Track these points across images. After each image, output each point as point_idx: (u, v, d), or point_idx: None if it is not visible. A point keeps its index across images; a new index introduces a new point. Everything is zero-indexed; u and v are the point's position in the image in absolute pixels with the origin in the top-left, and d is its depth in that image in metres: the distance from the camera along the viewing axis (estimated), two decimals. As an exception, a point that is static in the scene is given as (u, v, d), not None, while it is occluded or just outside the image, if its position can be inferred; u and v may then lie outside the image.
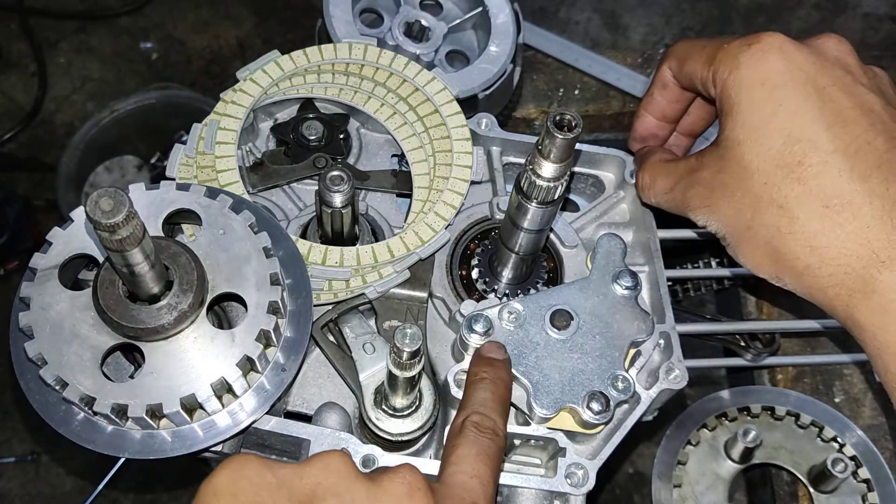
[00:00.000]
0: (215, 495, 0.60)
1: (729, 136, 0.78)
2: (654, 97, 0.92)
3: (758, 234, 0.77)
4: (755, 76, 0.77)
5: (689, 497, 1.09)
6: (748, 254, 0.79)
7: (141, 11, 2.34)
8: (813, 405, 1.12)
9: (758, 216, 0.76)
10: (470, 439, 0.70)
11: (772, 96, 0.76)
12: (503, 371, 0.77)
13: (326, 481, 0.63)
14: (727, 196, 0.79)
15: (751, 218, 0.77)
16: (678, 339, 0.87)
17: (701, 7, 1.69)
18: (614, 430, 0.82)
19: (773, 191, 0.75)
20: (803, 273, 0.75)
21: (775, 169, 0.75)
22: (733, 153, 0.78)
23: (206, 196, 0.79)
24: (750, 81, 0.77)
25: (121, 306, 0.70)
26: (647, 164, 0.91)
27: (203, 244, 0.77)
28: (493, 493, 0.68)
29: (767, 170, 0.75)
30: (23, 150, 2.19)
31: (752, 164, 0.76)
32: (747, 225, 0.78)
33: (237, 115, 0.93)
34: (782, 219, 0.75)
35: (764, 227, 0.76)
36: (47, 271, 0.74)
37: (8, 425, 1.93)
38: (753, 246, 0.78)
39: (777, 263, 0.77)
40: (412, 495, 0.63)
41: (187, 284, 0.71)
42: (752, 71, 0.77)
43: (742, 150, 0.77)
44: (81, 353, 0.71)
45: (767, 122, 0.76)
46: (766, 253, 0.77)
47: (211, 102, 1.12)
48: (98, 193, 0.57)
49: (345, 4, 1.07)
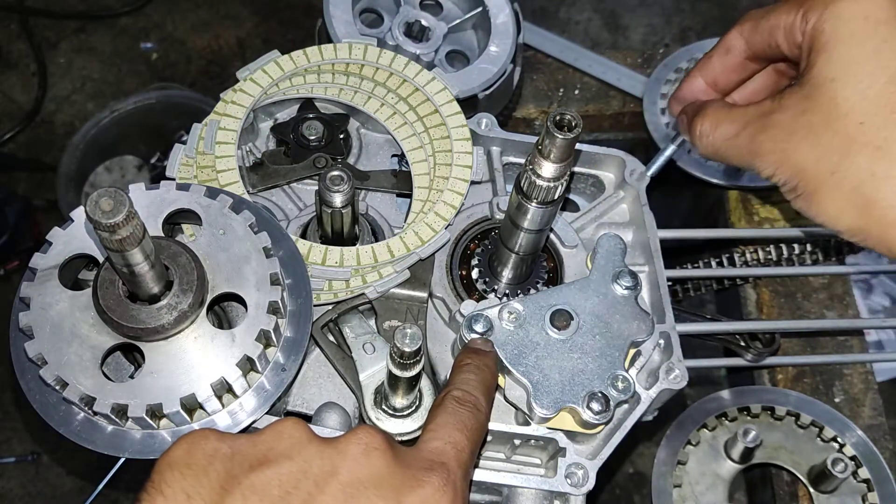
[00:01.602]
0: (169, 466, 0.60)
1: (820, 73, 0.73)
2: (711, 60, 0.87)
3: (845, 179, 0.72)
4: (857, 9, 0.73)
5: (689, 497, 1.09)
6: (829, 202, 0.74)
7: (141, 11, 2.34)
8: (813, 405, 1.12)
9: (848, 159, 0.72)
10: (448, 410, 0.69)
11: (876, 31, 0.72)
12: (489, 360, 0.76)
13: (279, 446, 0.62)
14: (811, 138, 0.74)
15: (838, 161, 0.72)
16: (678, 339, 0.87)
17: (701, 7, 1.69)
18: (614, 430, 0.82)
19: (871, 131, 0.71)
20: (894, 224, 0.71)
21: (876, 108, 0.71)
22: (824, 90, 0.73)
23: (206, 196, 0.79)
24: (850, 14, 0.73)
25: (121, 306, 0.70)
26: (707, 109, 0.85)
27: (203, 244, 0.77)
28: (467, 462, 0.66)
29: (866, 109, 0.71)
30: (23, 150, 2.19)
31: (848, 101, 0.72)
32: (832, 169, 0.73)
33: (237, 115, 0.93)
34: (879, 162, 0.70)
35: (855, 172, 0.71)
36: (47, 271, 0.74)
37: (8, 425, 1.93)
38: (837, 193, 0.73)
39: (865, 212, 0.72)
40: (368, 454, 0.62)
41: (187, 284, 0.71)
42: (853, 4, 0.73)
43: (836, 87, 0.72)
44: (81, 353, 0.71)
45: (869, 59, 0.71)
46: (852, 201, 0.72)
47: (211, 102, 1.12)
48: (98, 193, 0.57)
49: (345, 4, 1.07)
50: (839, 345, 1.20)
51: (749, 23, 0.83)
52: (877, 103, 0.71)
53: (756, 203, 1.31)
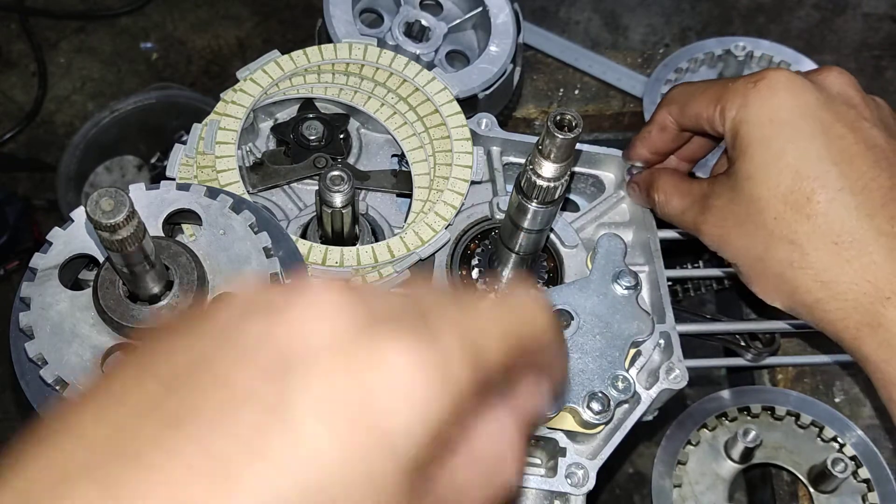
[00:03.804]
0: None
1: (740, 170, 0.79)
2: (651, 136, 0.92)
3: (770, 266, 0.79)
4: (764, 113, 0.78)
5: (689, 497, 1.09)
6: (761, 285, 0.81)
7: (141, 11, 2.33)
8: (813, 405, 1.12)
9: (770, 250, 0.78)
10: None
11: (781, 133, 0.77)
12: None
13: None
14: (739, 227, 0.80)
15: (763, 251, 0.79)
16: (678, 339, 0.87)
17: (701, 7, 1.69)
18: (614, 430, 0.82)
19: (783, 226, 0.77)
20: (814, 306, 0.77)
21: (785, 205, 0.76)
22: (744, 187, 0.79)
23: (206, 196, 0.79)
24: (759, 118, 0.78)
25: (121, 306, 0.70)
26: (658, 182, 0.91)
27: (203, 244, 0.77)
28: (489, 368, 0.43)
29: (777, 206, 0.77)
30: (23, 150, 2.18)
31: (763, 198, 0.77)
32: (759, 257, 0.79)
33: (237, 115, 0.93)
34: (794, 253, 0.76)
35: (776, 261, 0.78)
36: (47, 271, 0.74)
37: (8, 425, 1.93)
38: (765, 278, 0.80)
39: (789, 296, 0.79)
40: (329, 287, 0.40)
41: (187, 284, 0.72)
42: (760, 108, 0.78)
43: (752, 185, 0.78)
44: (82, 353, 0.71)
45: (777, 160, 0.77)
46: (778, 285, 0.79)
47: (211, 102, 1.12)
48: (98, 193, 0.57)
49: (345, 4, 1.07)
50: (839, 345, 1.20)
51: (675, 106, 0.88)
52: (786, 200, 0.76)
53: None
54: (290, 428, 0.34)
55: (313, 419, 0.34)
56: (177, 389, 0.36)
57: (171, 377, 0.37)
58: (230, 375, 0.36)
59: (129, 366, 0.39)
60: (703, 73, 1.39)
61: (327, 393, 0.35)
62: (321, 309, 0.38)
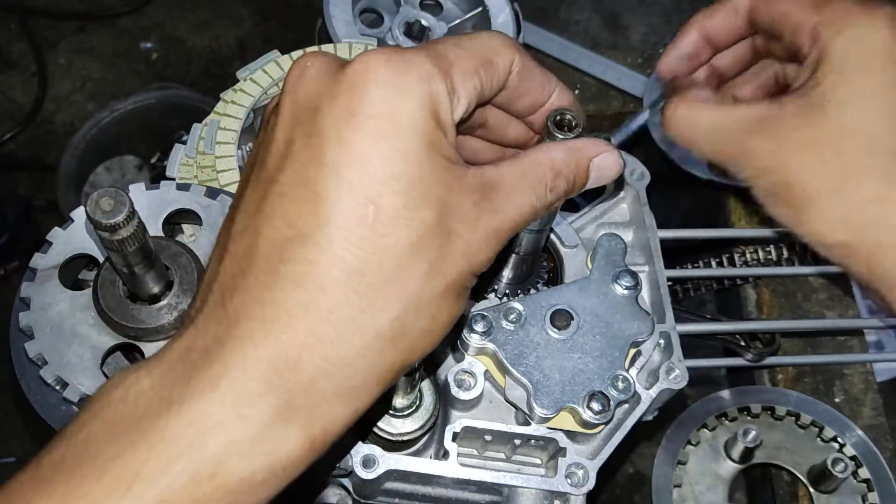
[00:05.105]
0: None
1: (830, 92, 0.72)
2: (715, 16, 0.84)
3: (845, 198, 0.72)
4: (878, 40, 0.72)
5: (689, 497, 1.09)
6: (819, 217, 0.74)
7: (141, 11, 2.33)
8: (813, 405, 1.12)
9: (853, 180, 0.71)
10: None
11: (891, 65, 0.71)
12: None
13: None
14: (814, 153, 0.73)
15: (840, 181, 0.72)
16: (678, 339, 0.87)
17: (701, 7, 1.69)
18: (614, 430, 0.82)
19: (879, 158, 0.71)
20: (888, 249, 0.71)
21: (885, 136, 0.71)
22: (834, 110, 0.72)
23: (207, 196, 0.79)
24: (871, 43, 0.72)
25: (121, 306, 0.70)
26: (688, 95, 0.82)
27: (203, 244, 0.77)
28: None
29: (876, 136, 0.71)
30: (23, 150, 2.18)
31: (858, 126, 0.71)
32: (833, 187, 0.72)
33: (237, 115, 0.93)
34: (885, 187, 0.71)
35: (858, 193, 0.71)
36: (47, 271, 0.74)
37: (8, 425, 1.93)
38: (832, 210, 0.73)
39: (859, 232, 0.72)
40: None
41: (187, 284, 0.72)
42: (875, 34, 0.72)
43: (847, 110, 0.72)
44: (82, 353, 0.71)
45: (883, 89, 0.71)
46: (847, 219, 0.72)
47: (211, 102, 1.12)
48: (98, 193, 0.57)
49: (345, 4, 1.07)
50: (839, 345, 1.20)
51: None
52: (886, 132, 0.71)
53: (756, 203, 1.30)
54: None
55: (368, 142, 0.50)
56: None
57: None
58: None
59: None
60: (703, 73, 1.39)
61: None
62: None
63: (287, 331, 0.48)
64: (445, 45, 0.56)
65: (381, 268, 0.49)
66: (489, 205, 0.54)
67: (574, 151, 0.62)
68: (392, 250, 0.49)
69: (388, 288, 0.50)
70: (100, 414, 0.49)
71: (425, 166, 0.51)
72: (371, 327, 0.50)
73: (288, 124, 0.52)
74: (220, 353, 0.48)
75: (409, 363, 0.53)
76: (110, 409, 0.49)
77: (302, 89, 0.53)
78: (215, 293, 0.51)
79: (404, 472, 0.78)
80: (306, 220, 0.49)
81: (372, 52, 0.52)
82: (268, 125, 0.55)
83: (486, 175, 0.55)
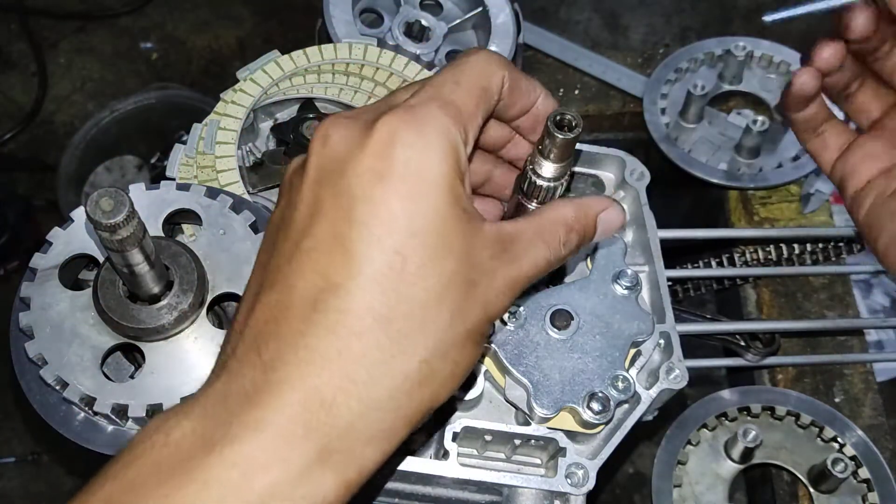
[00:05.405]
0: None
1: None
2: (856, 16, 0.75)
3: None
4: None
5: (689, 497, 1.09)
6: None
7: (141, 11, 2.34)
8: (813, 405, 1.12)
9: None
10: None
11: None
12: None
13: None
14: None
15: None
16: (678, 339, 0.87)
17: (701, 7, 1.69)
18: (614, 430, 0.82)
19: None
20: None
21: None
22: None
23: (206, 196, 0.79)
24: None
25: (121, 306, 0.70)
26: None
27: (203, 244, 0.77)
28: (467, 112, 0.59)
29: None
30: (23, 150, 2.19)
31: None
32: None
33: (237, 115, 0.93)
34: None
35: None
36: (47, 271, 0.74)
37: (8, 425, 1.93)
38: None
39: None
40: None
41: (187, 284, 0.72)
42: None
43: None
44: (81, 353, 0.71)
45: None
46: None
47: (211, 102, 1.12)
48: (98, 193, 0.57)
49: (345, 4, 1.07)
50: (839, 345, 1.20)
51: None
52: None
53: (756, 203, 1.31)
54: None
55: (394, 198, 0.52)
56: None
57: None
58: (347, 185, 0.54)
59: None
60: (703, 73, 1.39)
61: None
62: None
63: (322, 374, 0.50)
64: (445, 85, 0.58)
65: (408, 315, 0.52)
66: (507, 257, 0.57)
67: (583, 208, 0.66)
68: (418, 299, 0.52)
69: (416, 334, 0.52)
70: (143, 456, 0.50)
71: (448, 220, 0.54)
72: (401, 370, 0.52)
73: (315, 187, 0.55)
74: (259, 398, 0.50)
75: (434, 405, 0.55)
76: (154, 452, 0.50)
77: (327, 155, 0.55)
78: (247, 340, 0.53)
79: (404, 472, 0.78)
80: (338, 271, 0.51)
81: (391, 115, 0.54)
82: (291, 187, 0.58)
83: (504, 230, 0.59)
